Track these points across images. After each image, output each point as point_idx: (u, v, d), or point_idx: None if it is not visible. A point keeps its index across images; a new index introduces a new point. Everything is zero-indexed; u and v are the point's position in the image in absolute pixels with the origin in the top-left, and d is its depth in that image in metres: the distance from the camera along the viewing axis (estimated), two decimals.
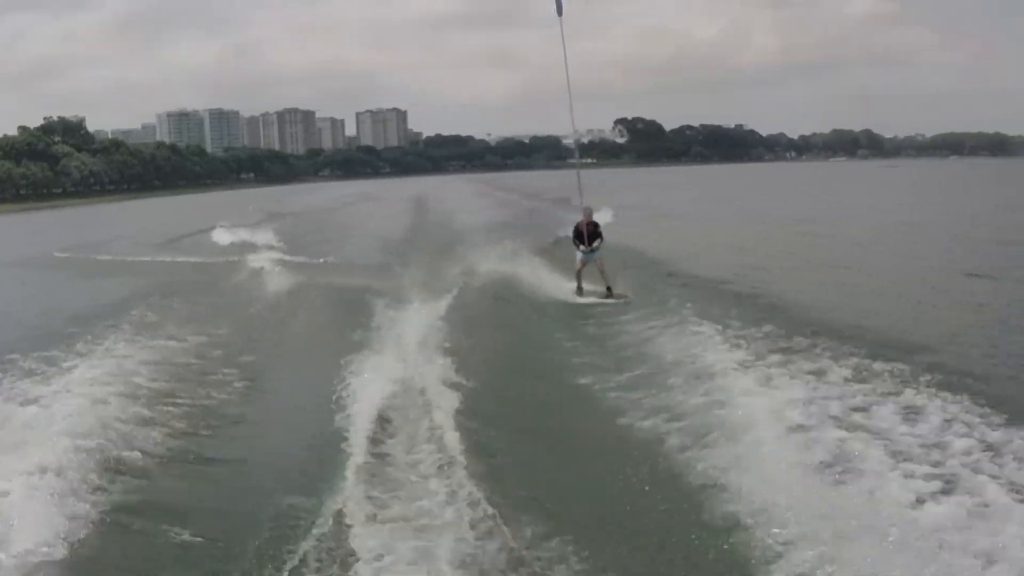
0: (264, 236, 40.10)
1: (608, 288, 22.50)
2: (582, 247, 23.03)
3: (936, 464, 9.15)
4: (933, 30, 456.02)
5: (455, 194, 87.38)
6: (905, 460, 9.18)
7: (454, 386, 12.98)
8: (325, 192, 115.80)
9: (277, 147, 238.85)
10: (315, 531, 8.42)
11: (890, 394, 11.59)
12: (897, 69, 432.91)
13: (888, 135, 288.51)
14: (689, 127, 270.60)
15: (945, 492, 8.46)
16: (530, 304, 21.53)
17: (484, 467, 9.81)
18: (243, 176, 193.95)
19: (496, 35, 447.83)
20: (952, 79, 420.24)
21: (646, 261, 28.37)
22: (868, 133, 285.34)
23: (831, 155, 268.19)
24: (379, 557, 7.93)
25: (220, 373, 15.43)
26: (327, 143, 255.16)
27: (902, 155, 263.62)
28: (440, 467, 9.89)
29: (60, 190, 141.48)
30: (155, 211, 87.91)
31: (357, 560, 7.88)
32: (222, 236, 42.05)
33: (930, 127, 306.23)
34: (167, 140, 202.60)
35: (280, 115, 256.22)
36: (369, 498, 9.03)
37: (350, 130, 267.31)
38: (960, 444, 9.66)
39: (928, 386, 11.89)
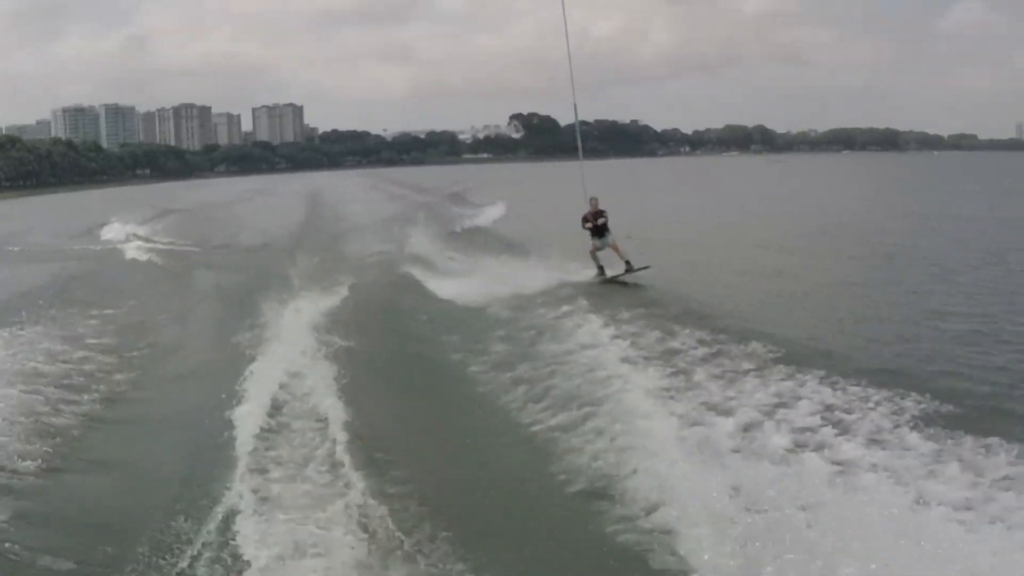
0: (154, 231, 41.17)
1: (627, 262, 23.00)
2: (594, 239, 23.50)
3: (800, 444, 9.75)
4: (829, 29, 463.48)
5: (349, 190, 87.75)
6: (801, 447, 9.69)
7: (342, 383, 12.95)
8: (220, 188, 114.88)
9: (173, 143, 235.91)
10: (202, 537, 8.27)
11: (766, 380, 12.15)
12: (792, 66, 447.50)
13: (781, 131, 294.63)
14: (585, 122, 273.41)
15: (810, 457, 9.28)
16: (422, 299, 21.52)
17: (371, 462, 9.90)
18: (139, 172, 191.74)
19: (391, 30, 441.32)
20: (846, 76, 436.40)
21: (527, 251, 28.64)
22: (761, 128, 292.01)
23: (724, 150, 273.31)
24: (269, 555, 7.91)
25: (103, 371, 15.17)
26: (223, 139, 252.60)
27: (795, 150, 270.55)
28: (330, 466, 9.86)
29: None
30: (52, 208, 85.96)
31: (246, 561, 7.83)
32: (114, 231, 42.31)
33: (823, 123, 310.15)
34: (63, 136, 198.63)
35: (176, 110, 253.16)
36: (259, 498, 8.94)
37: (246, 125, 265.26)
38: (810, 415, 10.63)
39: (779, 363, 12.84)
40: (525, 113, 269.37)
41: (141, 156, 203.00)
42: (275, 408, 11.77)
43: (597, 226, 23.59)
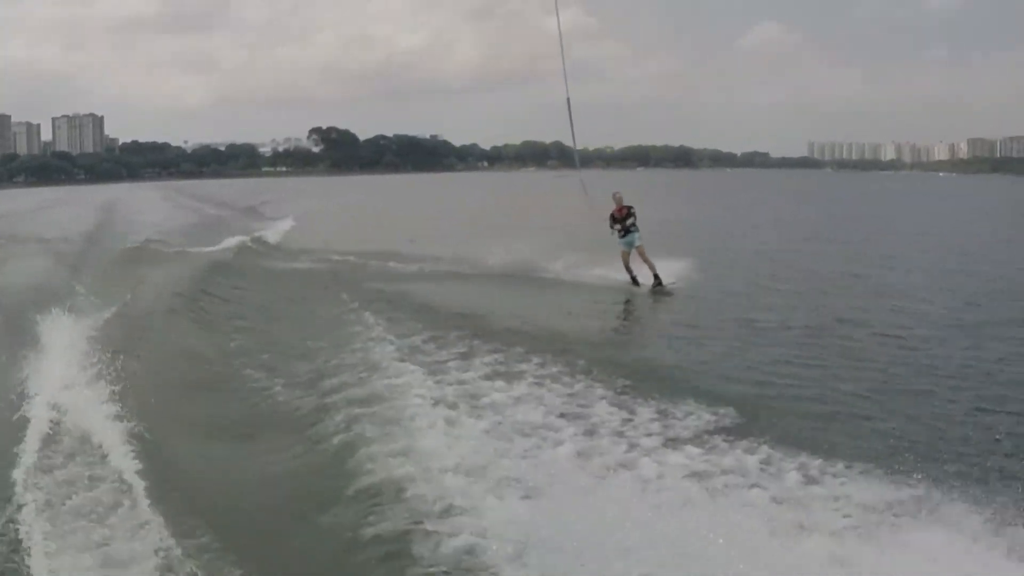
0: None
1: (656, 277, 22.75)
2: (619, 234, 23.32)
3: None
4: (628, 46, 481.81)
5: (142, 202, 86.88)
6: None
7: (125, 398, 12.39)
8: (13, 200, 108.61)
9: None
10: None
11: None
12: (592, 83, 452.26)
13: (578, 147, 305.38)
14: (384, 137, 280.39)
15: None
16: (211, 307, 21.39)
17: (160, 479, 9.56)
18: None
19: (194, 39, 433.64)
20: (643, 95, 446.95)
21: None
22: (558, 145, 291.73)
23: (522, 166, 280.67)
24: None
25: None
26: (23, 148, 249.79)
27: (591, 166, 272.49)
28: (114, 485, 9.49)
29: None
30: None
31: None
32: None
33: (620, 140, 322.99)
34: None
35: None
36: (45, 526, 8.46)
37: (47, 135, 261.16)
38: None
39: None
40: (324, 127, 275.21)
41: None
42: (53, 429, 11.15)
43: (626, 227, 23.34)
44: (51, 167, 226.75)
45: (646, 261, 22.75)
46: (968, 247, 36.03)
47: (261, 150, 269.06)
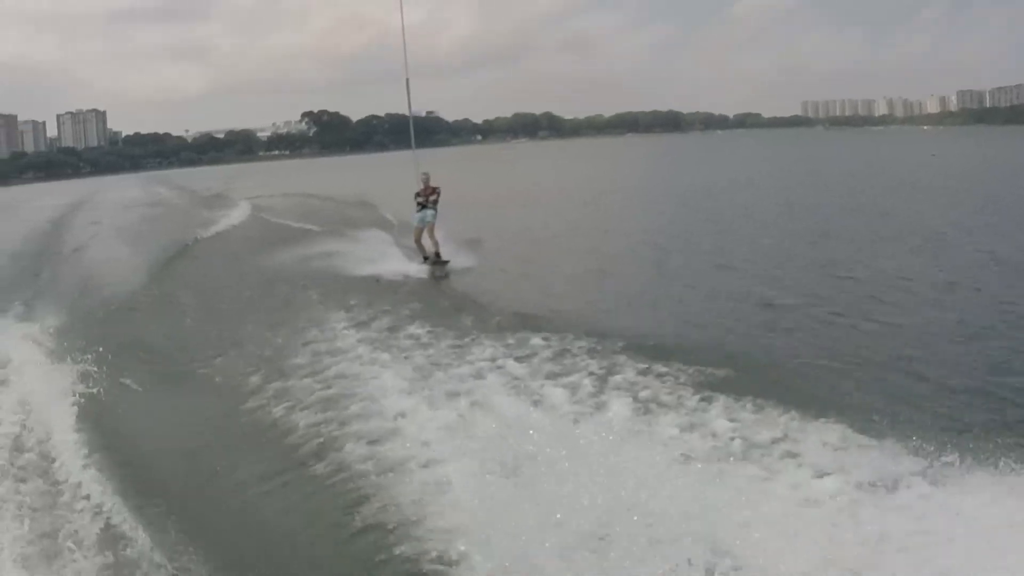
0: None
1: (437, 254, 23.18)
2: (419, 210, 23.67)
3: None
4: (619, 15, 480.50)
5: (123, 193, 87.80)
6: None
7: (85, 395, 12.62)
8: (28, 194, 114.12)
9: None
10: None
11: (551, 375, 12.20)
12: (581, 53, 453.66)
13: (568, 116, 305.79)
14: (376, 117, 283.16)
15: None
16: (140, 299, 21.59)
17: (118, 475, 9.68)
18: None
19: (189, 28, 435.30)
20: (633, 62, 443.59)
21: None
22: (549, 115, 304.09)
23: (513, 137, 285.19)
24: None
25: None
26: (30, 146, 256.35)
27: (582, 135, 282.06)
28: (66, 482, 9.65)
29: None
30: None
31: None
32: None
33: (610, 108, 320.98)
34: None
35: None
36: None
37: (52, 132, 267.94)
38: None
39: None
40: (315, 110, 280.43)
41: None
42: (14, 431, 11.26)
43: (424, 204, 23.81)
44: (57, 162, 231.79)
45: (431, 237, 23.51)
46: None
47: (260, 134, 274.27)
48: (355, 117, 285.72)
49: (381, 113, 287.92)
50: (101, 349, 15.25)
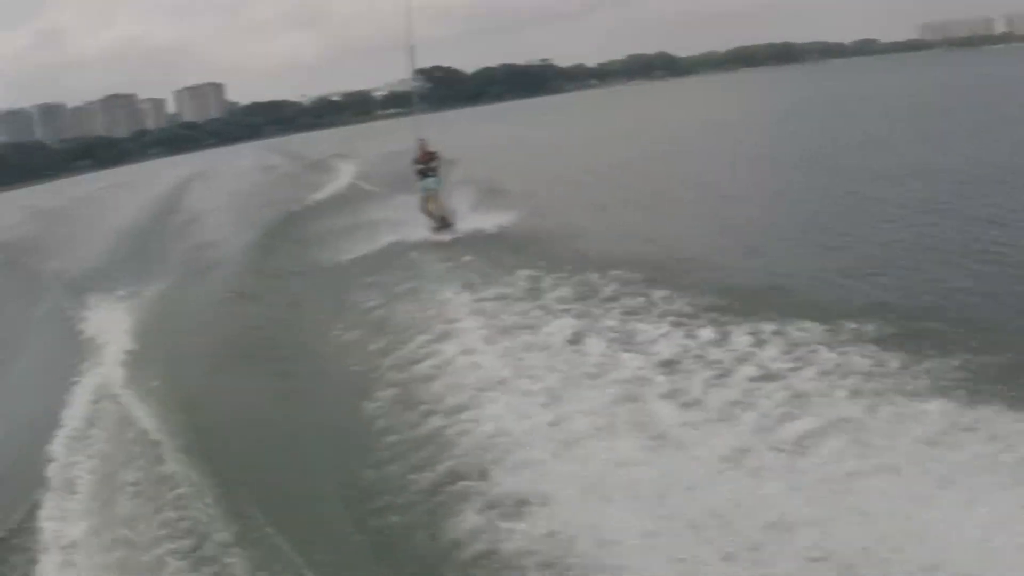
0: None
1: (443, 219, 22.57)
2: (419, 177, 23.12)
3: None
4: None
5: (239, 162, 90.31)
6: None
7: (171, 378, 12.91)
8: (157, 169, 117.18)
9: (104, 132, 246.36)
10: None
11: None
12: None
13: (683, 55, 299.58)
14: (490, 68, 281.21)
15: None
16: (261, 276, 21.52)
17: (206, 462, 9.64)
18: (79, 163, 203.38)
19: None
20: None
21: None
22: (663, 55, 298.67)
23: (629, 80, 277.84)
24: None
25: None
26: (151, 123, 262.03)
27: (698, 72, 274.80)
28: (154, 462, 9.79)
29: None
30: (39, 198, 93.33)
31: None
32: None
33: (724, 43, 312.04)
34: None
35: (104, 101, 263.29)
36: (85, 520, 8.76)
37: (172, 108, 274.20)
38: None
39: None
40: (428, 67, 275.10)
41: (80, 149, 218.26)
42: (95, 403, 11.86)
43: (425, 171, 23.14)
44: (180, 137, 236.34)
45: (440, 205, 23.07)
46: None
47: (376, 94, 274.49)
48: (469, 70, 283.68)
49: (496, 64, 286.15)
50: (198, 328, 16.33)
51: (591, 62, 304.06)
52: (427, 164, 23.29)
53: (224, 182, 63.35)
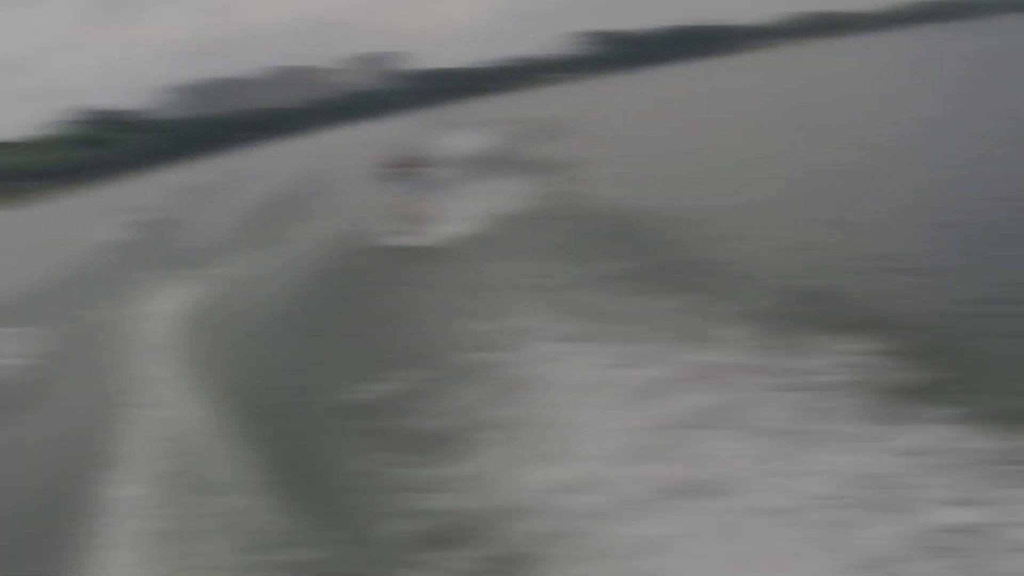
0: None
1: (418, 230, 21.10)
2: (396, 183, 22.44)
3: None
4: None
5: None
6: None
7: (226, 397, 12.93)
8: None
9: (279, 104, 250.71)
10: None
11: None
12: None
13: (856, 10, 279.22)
14: (657, 29, 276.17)
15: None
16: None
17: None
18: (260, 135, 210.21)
19: None
20: None
21: None
22: (833, 13, 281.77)
23: (804, 37, 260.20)
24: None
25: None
26: (325, 92, 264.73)
27: (878, 28, 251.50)
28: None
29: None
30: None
31: None
32: None
33: None
34: (186, 113, 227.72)
35: (279, 71, 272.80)
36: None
37: (345, 78, 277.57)
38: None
39: None
40: (595, 30, 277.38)
41: (259, 121, 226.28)
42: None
43: (404, 175, 22.28)
44: (354, 106, 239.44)
45: (419, 214, 21.63)
46: None
47: (549, 56, 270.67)
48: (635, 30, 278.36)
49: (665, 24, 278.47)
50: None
51: (757, 20, 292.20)
52: (408, 169, 22.79)
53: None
